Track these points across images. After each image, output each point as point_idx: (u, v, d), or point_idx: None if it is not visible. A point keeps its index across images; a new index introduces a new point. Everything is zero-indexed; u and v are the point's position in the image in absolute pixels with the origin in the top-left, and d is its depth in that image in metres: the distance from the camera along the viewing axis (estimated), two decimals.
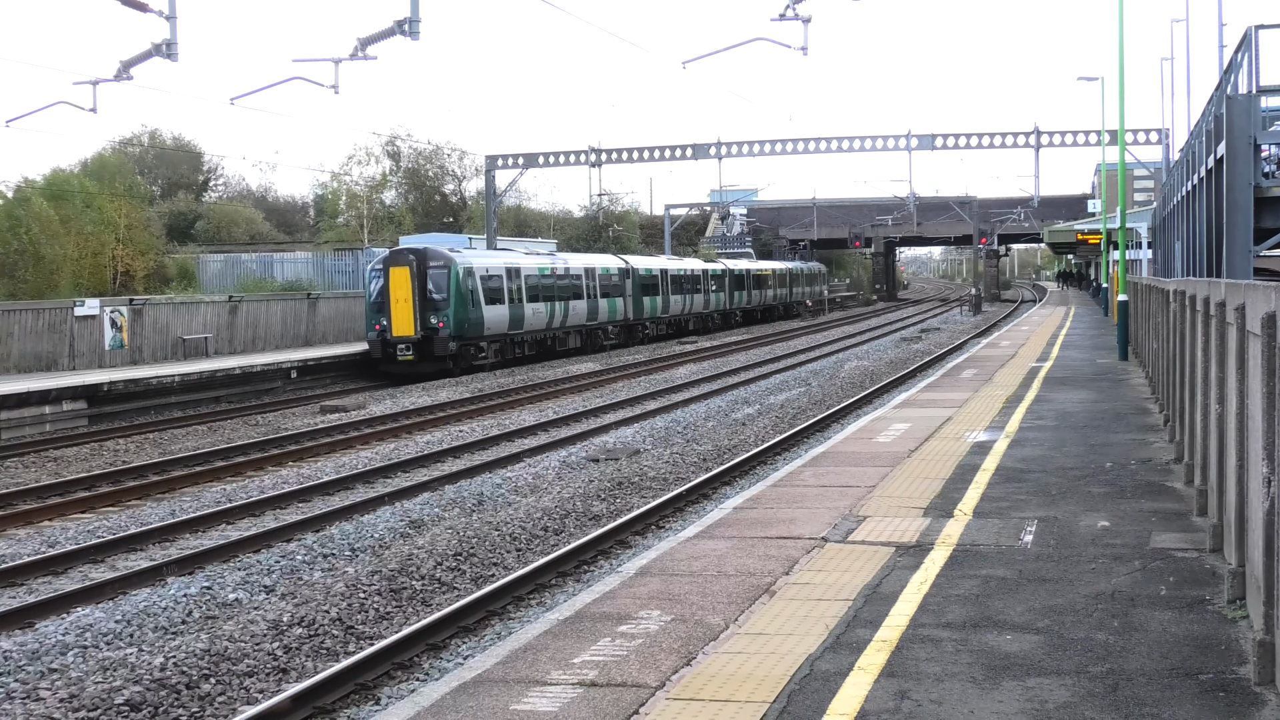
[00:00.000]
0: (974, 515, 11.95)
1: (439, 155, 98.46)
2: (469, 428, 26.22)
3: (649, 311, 57.07)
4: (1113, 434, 17.34)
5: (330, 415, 29.16)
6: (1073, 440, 16.80)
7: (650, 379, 36.86)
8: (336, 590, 12.68)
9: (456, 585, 13.31)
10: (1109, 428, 18.03)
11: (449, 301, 39.12)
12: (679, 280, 61.68)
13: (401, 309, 38.87)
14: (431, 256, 39.73)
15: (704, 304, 65.46)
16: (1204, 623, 8.24)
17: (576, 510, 16.73)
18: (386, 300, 38.92)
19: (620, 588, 9.72)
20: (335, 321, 45.26)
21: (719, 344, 53.16)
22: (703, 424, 25.50)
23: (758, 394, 31.01)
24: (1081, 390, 23.51)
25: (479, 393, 33.17)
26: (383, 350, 38.95)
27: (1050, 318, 56.17)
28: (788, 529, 11.64)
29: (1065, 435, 17.32)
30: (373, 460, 21.80)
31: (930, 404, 22.03)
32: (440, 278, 39.23)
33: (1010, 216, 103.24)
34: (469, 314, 39.83)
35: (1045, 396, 22.48)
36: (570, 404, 30.44)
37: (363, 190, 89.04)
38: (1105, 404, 21.14)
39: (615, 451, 21.60)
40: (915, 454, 16.01)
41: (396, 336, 38.80)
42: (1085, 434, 17.39)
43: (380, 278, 39.30)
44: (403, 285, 38.97)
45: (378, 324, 38.99)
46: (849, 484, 13.94)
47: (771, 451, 21.16)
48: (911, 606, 8.81)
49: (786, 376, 35.75)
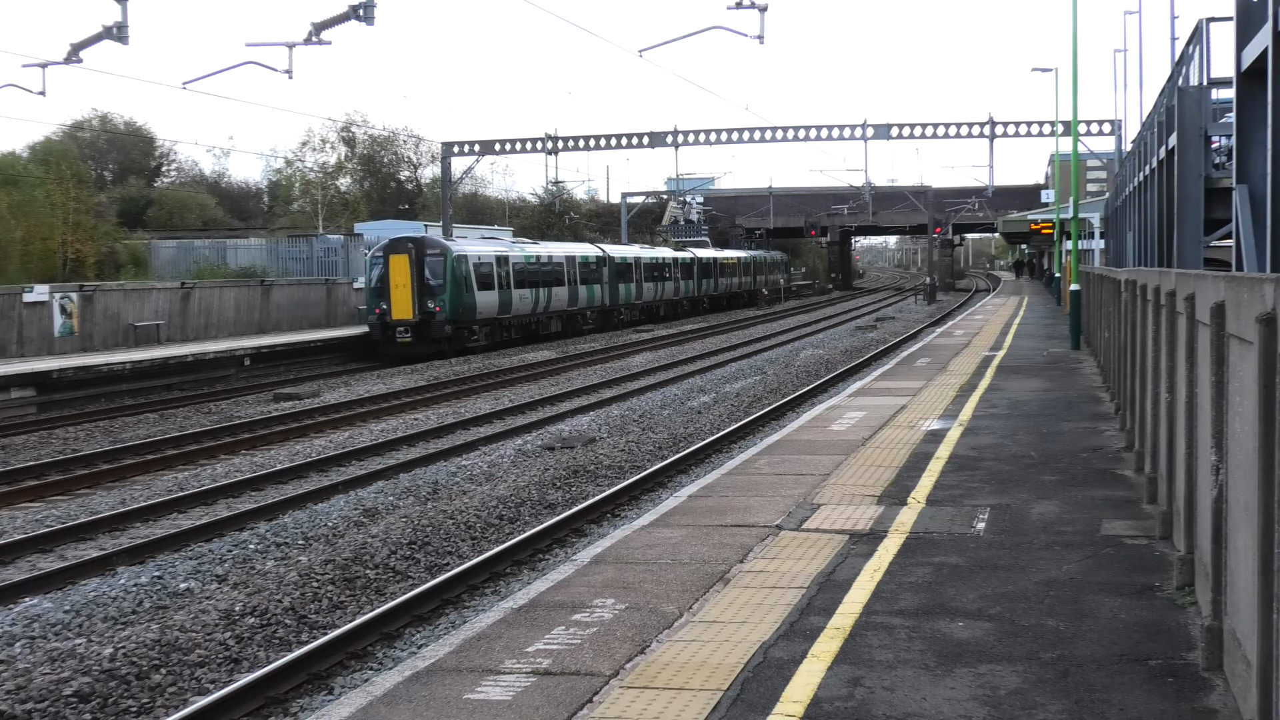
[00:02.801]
0: (927, 503, 12.01)
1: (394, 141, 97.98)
2: (424, 415, 26.12)
3: (624, 298, 59.52)
4: (1064, 422, 17.47)
5: (284, 403, 28.98)
6: (1025, 429, 16.91)
7: (607, 367, 36.84)
8: (290, 579, 12.61)
9: (411, 574, 13.27)
10: (1061, 416, 18.16)
11: (445, 287, 41.67)
12: (652, 268, 64.06)
13: (401, 294, 41.34)
14: (429, 245, 42.44)
15: (674, 291, 67.99)
16: (1153, 609, 8.32)
17: (532, 499, 16.71)
18: (387, 285, 41.40)
19: (575, 576, 9.72)
20: (289, 308, 44.97)
21: (676, 332, 53.22)
22: (659, 412, 25.51)
23: (714, 382, 31.04)
24: (1034, 379, 23.67)
25: (433, 380, 33.07)
26: (382, 332, 41.38)
27: (1004, 307, 56.55)
28: (742, 517, 11.66)
29: (1018, 424, 17.43)
30: (327, 448, 21.69)
31: (885, 392, 22.12)
32: (437, 265, 41.78)
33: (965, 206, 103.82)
34: (463, 299, 42.36)
35: (998, 385, 22.62)
36: (526, 392, 30.39)
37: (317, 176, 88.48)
38: (1057, 392, 21.29)
39: (571, 440, 21.58)
40: (869, 442, 16.08)
41: (396, 320, 41.34)
42: (1037, 422, 17.51)
43: (380, 264, 41.74)
44: (402, 271, 41.47)
45: (377, 308, 41.40)
46: (803, 472, 13.99)
47: (727, 440, 21.19)
48: (865, 594, 8.85)
49: (742, 365, 35.81)
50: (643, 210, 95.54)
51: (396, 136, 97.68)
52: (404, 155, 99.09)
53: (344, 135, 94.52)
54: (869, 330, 51.09)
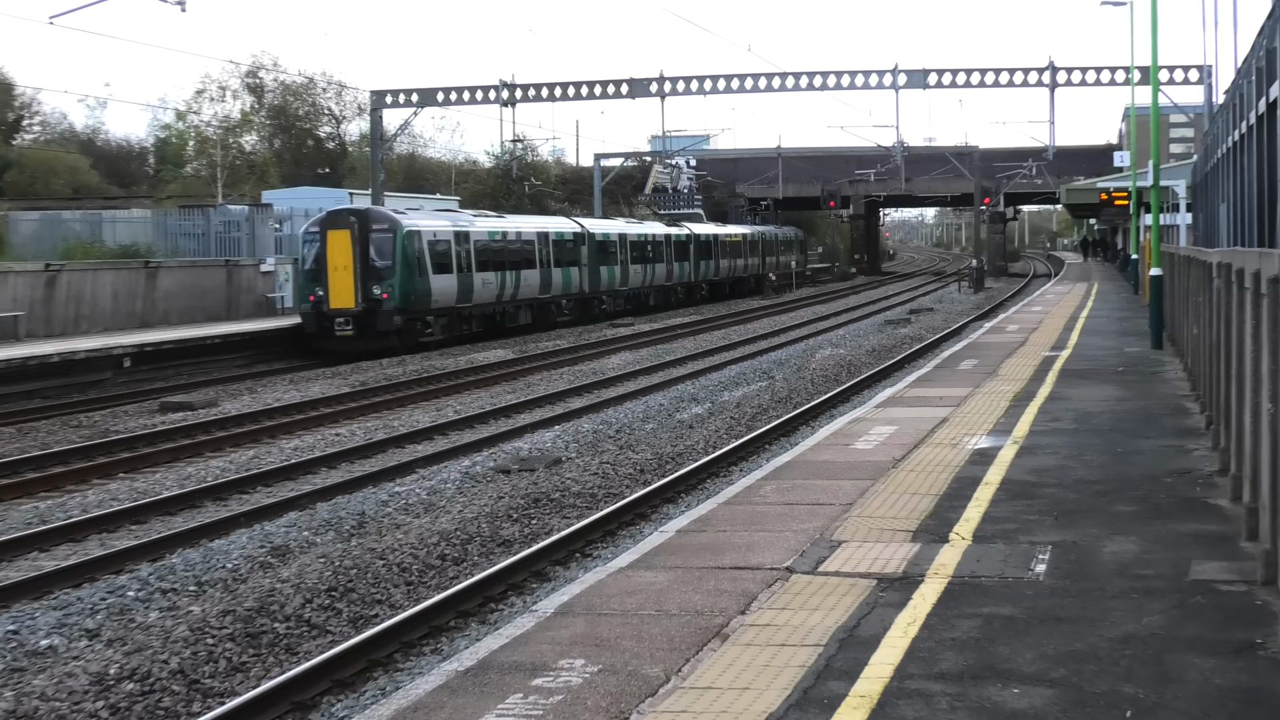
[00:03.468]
0: (974, 540, 11.98)
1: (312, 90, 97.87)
2: (348, 430, 26.07)
3: (606, 283, 59.94)
4: (1143, 439, 17.47)
5: (173, 414, 28.91)
6: (1095, 447, 16.91)
7: (576, 370, 36.82)
8: (178, 635, 12.53)
9: (330, 628, 13.20)
10: (1139, 431, 18.17)
11: (394, 270, 41.99)
12: (640, 247, 64.59)
13: (340, 277, 41.54)
14: (375, 218, 42.97)
15: (666, 275, 68.35)
16: (1254, 672, 8.29)
17: (482, 534, 16.65)
18: (323, 268, 41.57)
19: (536, 631, 9.66)
20: (181, 297, 44.86)
21: (661, 327, 53.26)
22: (640, 426, 25.47)
23: (708, 389, 31.02)
24: (1106, 385, 23.69)
25: (359, 386, 32.98)
26: (318, 324, 41.64)
27: (1068, 296, 56.73)
28: (744, 557, 11.61)
29: (1086, 441, 17.43)
30: (226, 471, 21.62)
31: (921, 402, 22.11)
32: (385, 243, 42.04)
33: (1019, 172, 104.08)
34: (416, 284, 42.75)
35: (1062, 393, 22.63)
36: (475, 401, 30.34)
37: (216, 133, 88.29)
38: (1134, 402, 21.31)
39: (531, 460, 21.54)
40: (902, 464, 16.05)
41: (334, 309, 41.51)
42: (1110, 439, 17.51)
43: (316, 242, 41.95)
44: (342, 251, 41.63)
45: (312, 295, 41.65)
46: (820, 501, 13.95)
47: (725, 461, 21.15)
48: (896, 653, 8.80)
49: (744, 368, 35.80)
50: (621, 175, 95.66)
51: (315, 84, 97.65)
52: (324, 107, 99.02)
53: (249, 82, 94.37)
54: (901, 325, 51.16)
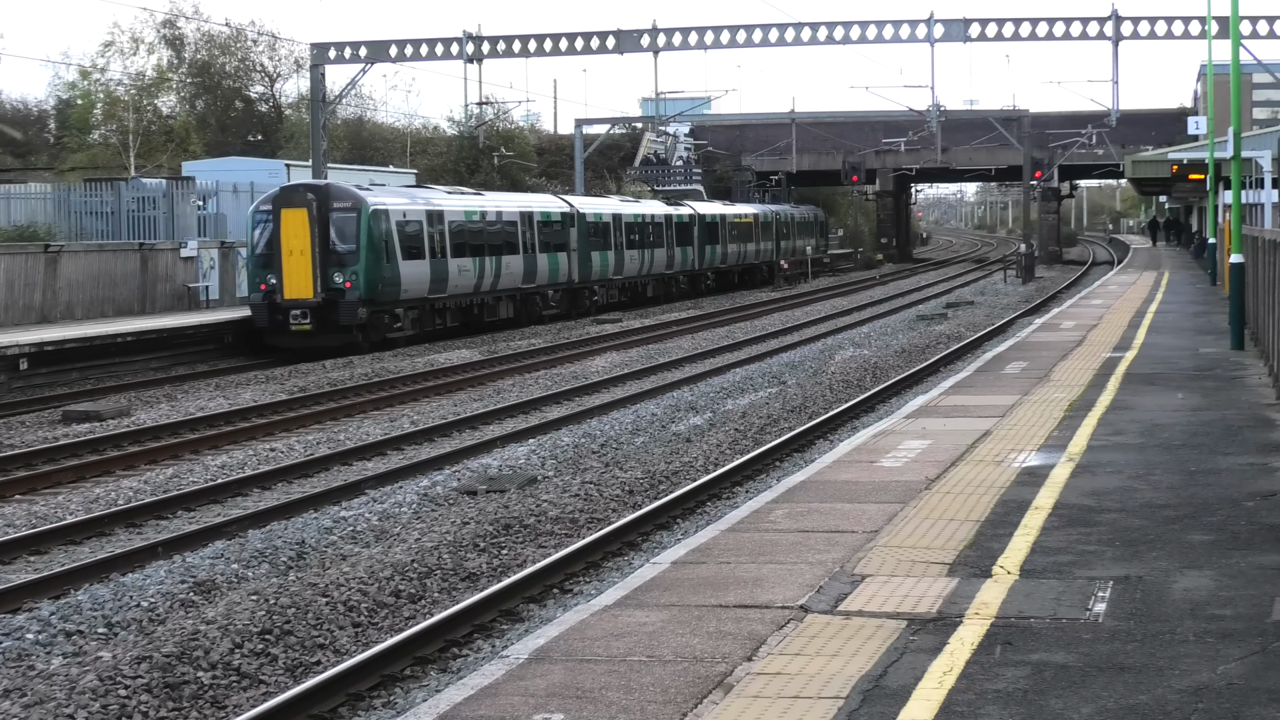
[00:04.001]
0: (1021, 574, 12.01)
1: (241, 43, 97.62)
2: (285, 444, 26.05)
3: (598, 271, 60.53)
4: (1222, 456, 17.51)
5: (78, 425, 28.87)
6: (1164, 465, 16.94)
7: (554, 374, 36.82)
8: (85, 685, 12.53)
9: (264, 677, 13.20)
10: (1216, 447, 18.20)
11: (358, 255, 42.50)
12: (636, 229, 65.21)
13: (296, 263, 42.06)
14: (336, 195, 43.32)
15: (666, 262, 68.89)
16: None
17: (443, 566, 16.65)
18: (276, 252, 42.19)
19: (506, 680, 9.68)
20: (87, 287, 44.76)
21: (655, 324, 53.25)
22: (629, 439, 25.47)
23: (709, 396, 31.03)
24: (1178, 393, 23.73)
25: (297, 392, 32.95)
26: (270, 318, 42.29)
27: (1134, 287, 56.80)
28: (751, 594, 11.64)
29: (1154, 458, 17.46)
30: (140, 492, 21.60)
31: (959, 412, 22.14)
32: (347, 223, 42.58)
33: (1077, 141, 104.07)
34: (383, 271, 43.27)
35: (1126, 402, 22.67)
36: (436, 410, 30.33)
37: (129, 93, 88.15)
38: (1211, 412, 21.35)
39: (501, 480, 21.53)
40: (937, 485, 16.08)
41: (289, 300, 42.08)
42: (1182, 457, 17.55)
43: (267, 222, 42.72)
44: (298, 233, 42.15)
45: (263, 283, 42.29)
46: (840, 528, 13.97)
47: (728, 480, 21.16)
48: (930, 708, 8.83)
49: (751, 371, 35.81)
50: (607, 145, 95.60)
51: (244, 35, 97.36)
52: (255, 63, 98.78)
53: (167, 33, 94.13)
54: (936, 321, 51.18)
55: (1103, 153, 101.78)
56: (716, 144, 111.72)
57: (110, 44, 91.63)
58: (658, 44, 61.41)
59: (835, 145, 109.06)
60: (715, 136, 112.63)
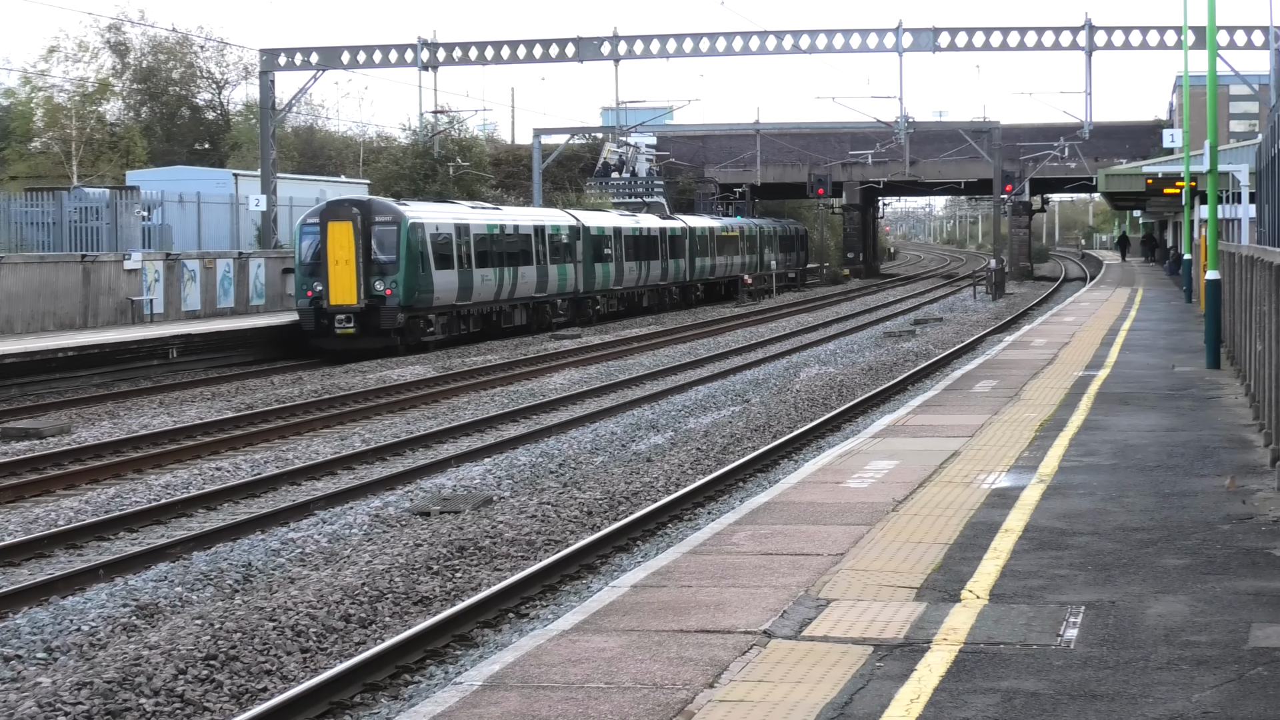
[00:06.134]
0: (991, 599, 12.03)
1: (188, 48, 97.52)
2: (232, 463, 25.98)
3: (601, 282, 66.43)
4: (1197, 478, 17.57)
5: (17, 444, 28.75)
6: (1138, 487, 16.99)
7: (511, 391, 36.80)
8: (24, 712, 12.48)
9: (209, 704, 13.16)
10: (1191, 469, 18.26)
11: (398, 264, 47.79)
12: (635, 243, 71.12)
13: (341, 272, 47.12)
14: (378, 210, 48.85)
15: (661, 274, 74.88)
16: None
17: (395, 589, 16.62)
18: (323, 262, 47.30)
19: (460, 708, 9.66)
20: (26, 299, 44.57)
21: (614, 340, 53.32)
22: (588, 459, 25.47)
23: (670, 414, 31.04)
24: (1152, 413, 23.80)
25: (244, 409, 32.88)
26: (316, 322, 47.29)
27: (1107, 304, 57.00)
28: (713, 618, 11.63)
29: (1127, 480, 17.51)
30: (82, 513, 21.49)
31: (928, 431, 22.17)
32: (388, 235, 47.92)
33: (1049, 154, 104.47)
34: (419, 279, 48.62)
35: (1098, 421, 22.73)
36: (388, 428, 30.29)
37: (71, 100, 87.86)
38: (1186, 433, 21.42)
39: (455, 500, 21.52)
40: (904, 506, 16.10)
41: (335, 305, 47.15)
42: (1157, 478, 17.60)
43: (315, 234, 47.84)
44: (344, 244, 47.28)
45: (310, 290, 47.35)
46: (805, 551, 13.98)
47: (690, 501, 21.18)
48: None
49: (714, 389, 35.83)
50: (567, 156, 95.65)
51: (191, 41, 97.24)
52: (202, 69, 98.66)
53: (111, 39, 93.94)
54: (903, 338, 51.31)
55: (1075, 166, 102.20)
56: (679, 155, 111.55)
57: (54, 49, 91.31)
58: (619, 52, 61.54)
59: (801, 157, 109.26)
60: (677, 147, 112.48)
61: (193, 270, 51.01)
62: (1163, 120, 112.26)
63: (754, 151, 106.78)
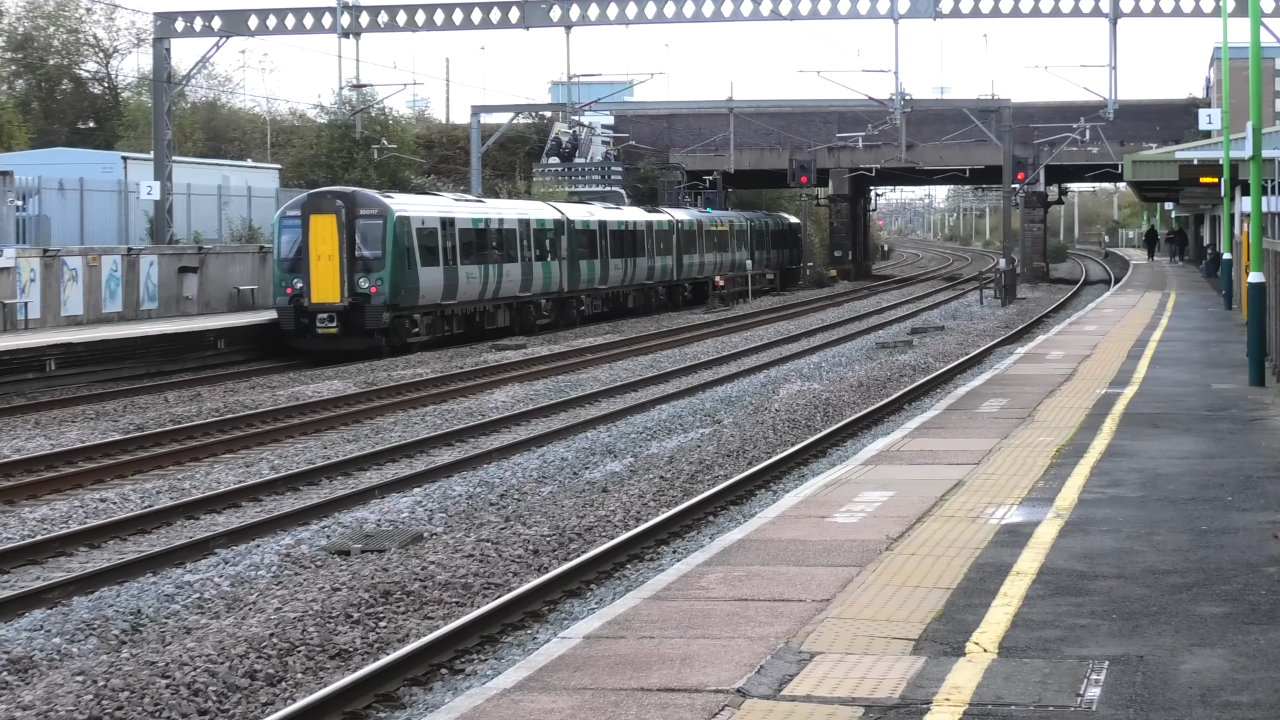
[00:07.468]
0: (1000, 652, 12.03)
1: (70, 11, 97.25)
2: (119, 493, 25.85)
3: (585, 280, 69.77)
4: (1238, 512, 17.60)
5: None
6: (1170, 523, 17.01)
7: (444, 410, 36.73)
8: None
9: None
10: (1232, 502, 18.30)
11: (384, 260, 50.65)
12: (620, 237, 74.60)
13: (324, 268, 49.67)
14: (363, 203, 51.53)
15: (648, 272, 78.64)
16: None
17: (309, 641, 16.56)
18: (304, 257, 49.93)
19: None
20: None
21: (564, 350, 53.31)
22: (534, 489, 25.40)
23: (629, 438, 30.99)
24: (1185, 436, 23.85)
25: (132, 430, 32.75)
26: (297, 321, 50.03)
27: (1134, 310, 57.16)
28: (679, 675, 11.61)
29: (1157, 515, 17.53)
30: None
31: (926, 458, 22.19)
32: (373, 230, 50.84)
33: (1067, 136, 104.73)
34: (406, 277, 51.52)
35: (1124, 447, 22.77)
36: (301, 453, 30.20)
37: None
38: (1226, 460, 21.46)
39: (380, 537, 21.45)
40: (900, 545, 16.10)
41: (316, 304, 49.77)
42: (1191, 513, 17.63)
43: (295, 228, 50.52)
44: (326, 238, 49.81)
45: (290, 287, 49.93)
46: (785, 596, 13.97)
47: (652, 538, 21.14)
48: None
49: (679, 408, 35.80)
50: (510, 138, 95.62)
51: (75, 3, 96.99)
52: (88, 36, 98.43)
53: None
54: (899, 350, 51.31)
55: (1098, 151, 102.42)
56: (639, 137, 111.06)
57: None
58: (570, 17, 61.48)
59: (781, 140, 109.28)
60: (638, 128, 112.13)
61: (75, 269, 50.76)
62: (1198, 99, 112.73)
63: (727, 134, 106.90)
